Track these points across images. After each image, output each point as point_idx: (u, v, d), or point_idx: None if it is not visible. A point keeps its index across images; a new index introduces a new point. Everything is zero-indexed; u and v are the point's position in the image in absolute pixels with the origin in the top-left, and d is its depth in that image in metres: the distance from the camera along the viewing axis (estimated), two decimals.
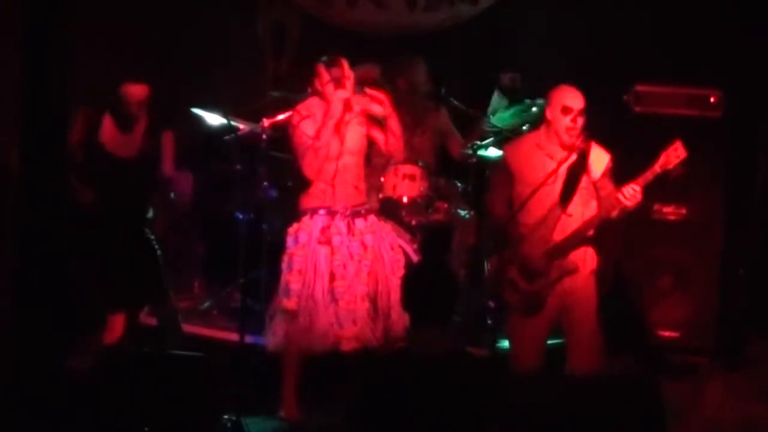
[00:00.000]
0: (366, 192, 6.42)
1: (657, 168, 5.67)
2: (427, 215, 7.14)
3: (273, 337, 6.23)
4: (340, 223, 6.22)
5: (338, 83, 6.19)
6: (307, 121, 6.23)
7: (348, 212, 6.24)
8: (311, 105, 6.28)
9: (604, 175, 5.86)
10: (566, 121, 5.78)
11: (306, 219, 6.25)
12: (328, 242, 6.18)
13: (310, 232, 6.21)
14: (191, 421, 4.82)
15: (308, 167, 6.23)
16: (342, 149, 6.21)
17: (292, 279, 6.17)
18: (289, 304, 6.16)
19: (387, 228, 6.43)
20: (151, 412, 4.75)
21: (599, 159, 5.87)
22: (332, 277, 6.16)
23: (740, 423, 3.95)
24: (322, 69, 6.23)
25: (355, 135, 6.28)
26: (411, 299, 4.39)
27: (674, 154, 5.66)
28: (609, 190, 5.81)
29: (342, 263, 6.17)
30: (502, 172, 6.01)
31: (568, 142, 5.79)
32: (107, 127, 6.31)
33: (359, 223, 6.26)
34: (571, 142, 5.78)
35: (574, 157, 5.79)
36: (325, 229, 6.20)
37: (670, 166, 5.66)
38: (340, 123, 6.20)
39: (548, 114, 5.86)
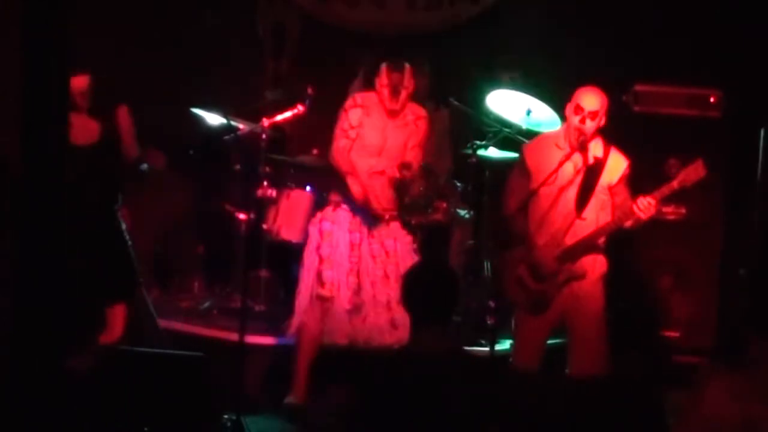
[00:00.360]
0: (392, 197, 6.48)
1: (675, 184, 5.64)
2: (427, 215, 7.14)
3: (296, 321, 6.37)
4: (362, 222, 6.36)
5: (395, 91, 6.29)
6: (356, 109, 6.37)
7: (372, 213, 6.36)
8: (367, 97, 6.40)
9: (620, 181, 5.82)
10: (576, 120, 5.76)
11: (329, 210, 6.40)
12: (349, 238, 6.34)
13: (333, 222, 6.36)
14: (191, 421, 4.83)
15: (337, 152, 6.37)
16: (383, 149, 6.33)
17: (323, 267, 6.32)
18: (325, 291, 6.30)
19: (408, 239, 6.50)
20: (151, 412, 4.76)
21: (617, 165, 5.83)
22: (350, 272, 6.32)
23: (741, 423, 3.94)
24: (384, 70, 6.32)
25: (399, 139, 6.38)
26: (411, 299, 4.39)
27: (694, 173, 5.63)
28: (624, 198, 5.78)
29: (359, 261, 6.32)
30: (519, 169, 5.98)
31: (574, 140, 5.77)
32: None
33: (380, 226, 6.39)
34: (578, 141, 5.76)
35: (591, 160, 5.78)
36: (348, 224, 6.35)
37: (688, 184, 5.65)
38: (385, 126, 6.35)
39: (566, 111, 5.86)
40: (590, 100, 5.76)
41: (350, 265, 6.32)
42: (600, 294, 5.89)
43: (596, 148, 5.83)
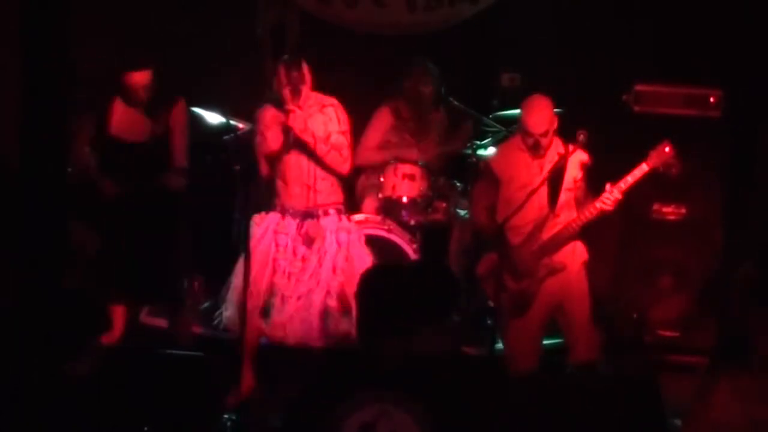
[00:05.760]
0: (330, 191, 6.36)
1: (637, 172, 5.83)
2: (427, 215, 7.14)
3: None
4: (290, 223, 6.29)
5: (295, 91, 6.12)
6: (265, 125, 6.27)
7: (299, 213, 6.29)
8: (268, 116, 6.27)
9: (583, 177, 5.96)
10: (528, 141, 5.95)
11: (263, 214, 6.34)
12: (275, 240, 6.26)
13: (262, 227, 6.28)
14: (191, 421, 4.83)
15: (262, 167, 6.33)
16: (289, 143, 6.20)
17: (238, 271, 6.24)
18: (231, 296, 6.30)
19: (352, 233, 6.38)
20: (151, 412, 4.76)
21: (578, 161, 5.96)
22: (273, 273, 6.24)
23: (749, 425, 3.95)
24: (281, 70, 6.18)
25: (314, 126, 6.24)
26: (410, 299, 4.38)
27: (657, 156, 5.84)
28: (586, 193, 5.95)
29: (287, 262, 6.25)
30: (487, 180, 6.11)
31: (532, 155, 5.97)
32: (117, 115, 6.33)
33: (309, 224, 6.29)
34: (535, 156, 5.95)
35: (554, 157, 5.88)
36: (275, 227, 6.28)
37: (659, 167, 5.78)
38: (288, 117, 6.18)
39: (521, 123, 6.02)
40: (537, 124, 5.92)
41: (274, 268, 6.25)
42: (584, 281, 6.01)
43: (557, 146, 5.98)
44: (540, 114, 5.92)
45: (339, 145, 6.25)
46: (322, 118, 6.27)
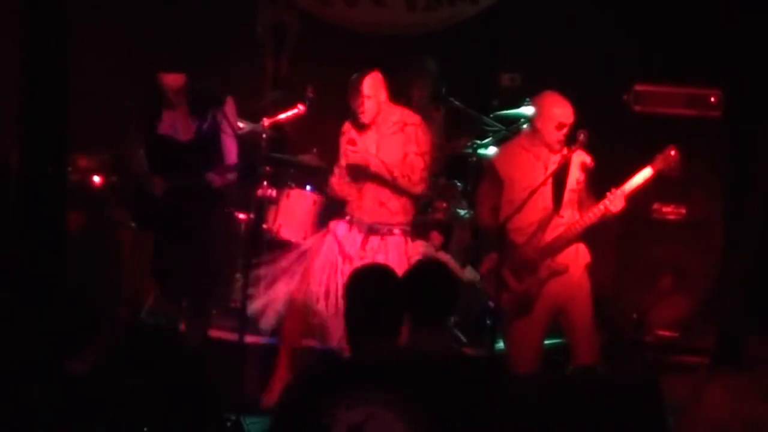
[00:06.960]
0: (400, 210, 6.34)
1: (642, 179, 5.81)
2: (427, 215, 7.14)
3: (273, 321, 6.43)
4: (356, 235, 6.31)
5: (357, 116, 6.24)
6: (343, 137, 6.38)
7: (365, 225, 6.31)
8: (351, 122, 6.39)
9: (585, 179, 5.93)
10: (559, 135, 5.88)
11: (333, 223, 6.40)
12: (342, 252, 6.30)
13: (331, 237, 6.35)
14: (191, 421, 4.83)
15: (332, 184, 6.46)
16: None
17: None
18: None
19: (404, 254, 6.36)
20: (150, 411, 4.76)
21: (580, 162, 5.95)
22: (329, 279, 6.29)
23: (742, 423, 3.95)
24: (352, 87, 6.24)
25: (392, 149, 6.28)
26: (411, 299, 4.38)
27: (663, 160, 5.80)
28: (588, 194, 5.93)
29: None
30: (491, 180, 6.08)
31: (557, 149, 5.91)
32: (163, 116, 6.31)
33: (374, 240, 6.31)
34: (560, 149, 5.89)
35: (558, 157, 5.87)
36: (342, 239, 6.32)
37: (664, 171, 5.77)
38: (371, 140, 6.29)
39: (538, 123, 5.95)
40: (569, 114, 5.89)
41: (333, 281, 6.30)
42: (587, 283, 6.00)
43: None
44: (565, 104, 5.90)
45: (412, 167, 6.24)
46: (402, 138, 6.27)
